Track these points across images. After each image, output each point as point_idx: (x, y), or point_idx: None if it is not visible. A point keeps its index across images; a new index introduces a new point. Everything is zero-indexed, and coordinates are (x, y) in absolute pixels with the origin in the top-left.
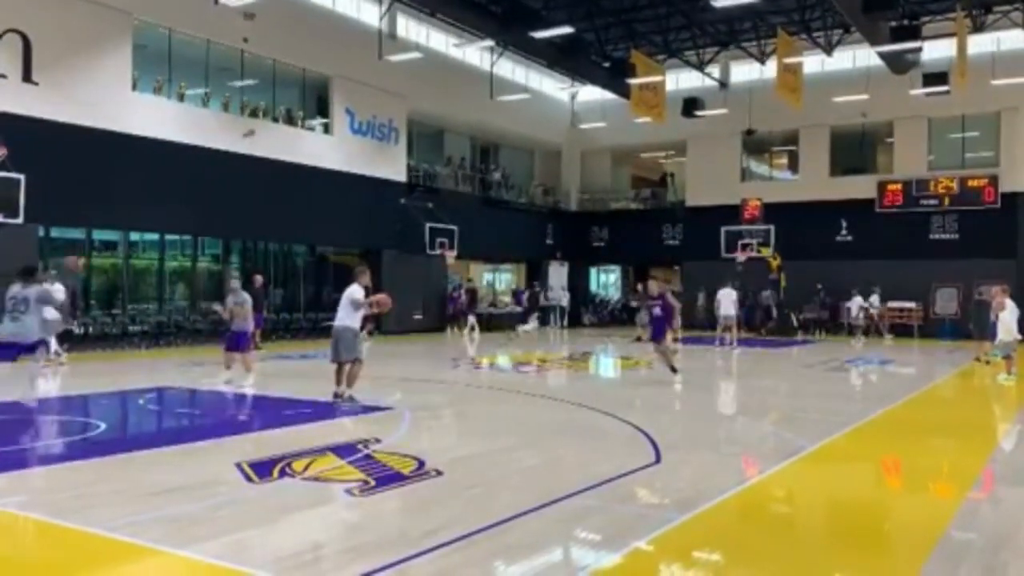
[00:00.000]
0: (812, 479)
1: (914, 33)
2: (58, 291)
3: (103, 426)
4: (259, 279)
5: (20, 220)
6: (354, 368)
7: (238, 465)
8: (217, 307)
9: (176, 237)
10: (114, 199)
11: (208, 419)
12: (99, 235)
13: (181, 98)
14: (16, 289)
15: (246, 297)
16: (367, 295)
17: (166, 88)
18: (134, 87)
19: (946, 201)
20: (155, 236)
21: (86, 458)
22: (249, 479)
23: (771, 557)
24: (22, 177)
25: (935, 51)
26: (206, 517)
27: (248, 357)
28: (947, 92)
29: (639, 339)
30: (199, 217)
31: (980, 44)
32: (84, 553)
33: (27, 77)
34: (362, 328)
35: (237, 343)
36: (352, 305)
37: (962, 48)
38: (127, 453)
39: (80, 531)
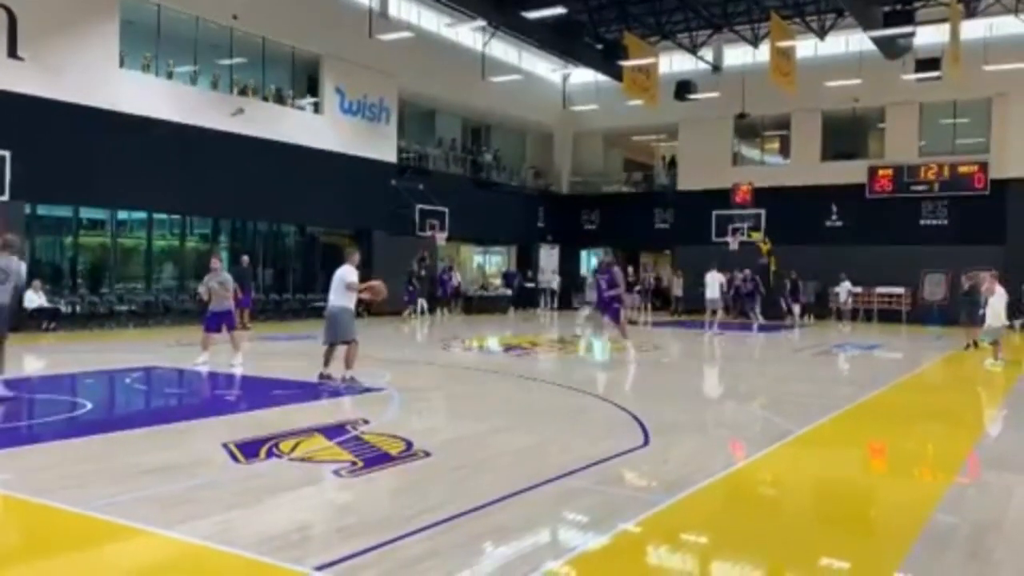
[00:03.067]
0: (799, 463)
1: (907, 18)
2: None
3: (89, 405)
4: (245, 259)
5: (6, 197)
6: (351, 349)
7: (225, 445)
8: (201, 290)
9: (164, 216)
10: (101, 177)
11: (195, 399)
12: (86, 213)
13: (169, 75)
14: None
15: (227, 277)
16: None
17: (154, 65)
18: (121, 64)
19: (936, 187)
20: (143, 215)
21: (72, 437)
22: (236, 459)
23: (758, 540)
24: (7, 154)
25: (928, 36)
26: (192, 497)
27: (236, 336)
28: (939, 78)
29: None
30: (187, 196)
31: (973, 30)
32: (69, 533)
33: (12, 52)
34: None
35: (218, 323)
36: (345, 287)
37: (955, 33)
38: (113, 433)
39: (65, 511)
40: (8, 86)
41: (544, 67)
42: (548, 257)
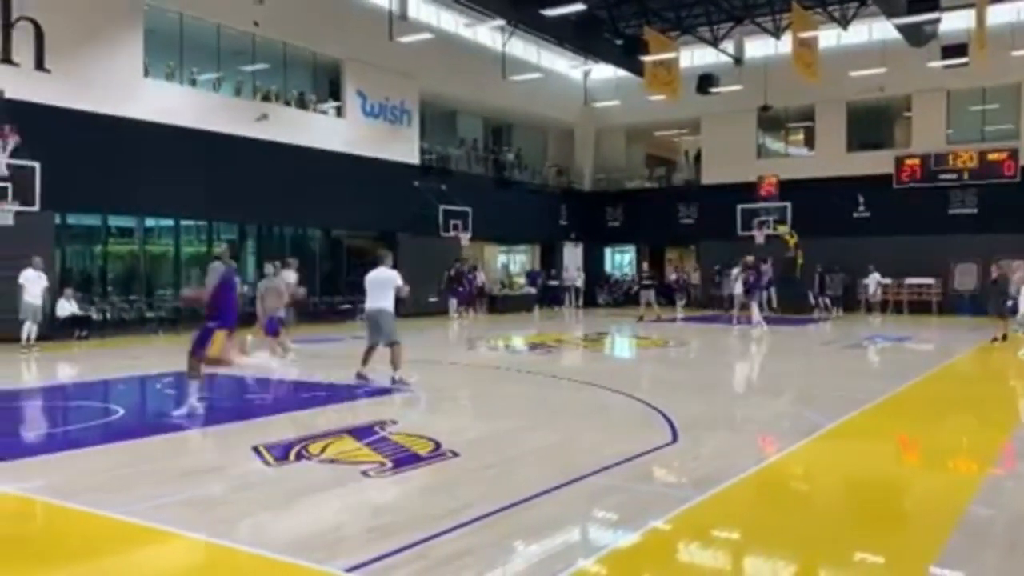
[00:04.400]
0: (831, 457)
1: (932, 4)
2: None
3: (122, 411)
4: (291, 262)
5: (36, 207)
6: (395, 350)
7: (255, 448)
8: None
9: (191, 223)
10: (129, 185)
11: (225, 403)
12: (115, 221)
13: (193, 83)
14: None
15: (278, 282)
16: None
17: (178, 73)
18: (146, 73)
19: (965, 175)
20: (170, 222)
21: (105, 443)
22: (266, 462)
23: (791, 535)
24: (37, 165)
25: (953, 22)
26: (224, 500)
27: (273, 342)
28: (966, 64)
29: (641, 318)
30: (213, 202)
31: (1000, 14)
32: (102, 537)
33: (39, 65)
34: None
35: (274, 327)
36: (391, 289)
37: (981, 18)
38: (145, 438)
39: (98, 515)
40: (36, 98)
41: (564, 64)
42: (572, 255)
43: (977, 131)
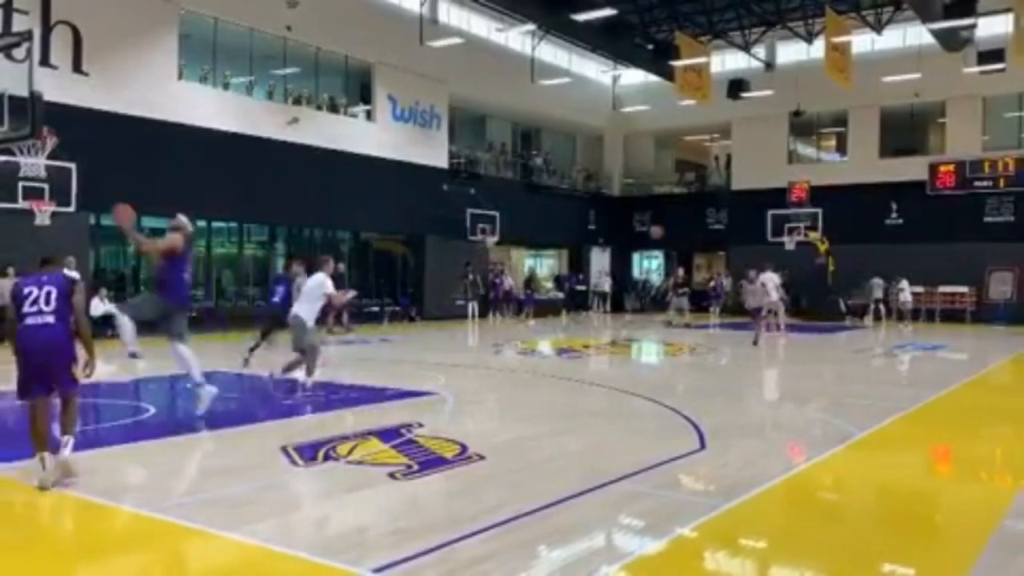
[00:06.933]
0: (861, 467)
1: (968, 9)
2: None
3: (152, 410)
4: (341, 266)
5: (72, 208)
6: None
7: (284, 449)
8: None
9: (223, 224)
10: (162, 187)
11: (254, 403)
12: (148, 222)
13: (226, 86)
14: None
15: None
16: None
17: (211, 77)
18: (180, 76)
19: (1001, 182)
20: (202, 223)
21: (136, 441)
22: (294, 462)
23: (819, 546)
24: (73, 166)
25: (990, 27)
26: (253, 500)
27: None
28: (1003, 70)
29: (670, 323)
30: (245, 204)
31: None
32: (132, 534)
33: (77, 67)
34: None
35: None
36: (315, 296)
37: (1019, 23)
38: (176, 436)
39: (130, 512)
40: (74, 100)
41: (594, 69)
42: (599, 260)
43: (1014, 137)
